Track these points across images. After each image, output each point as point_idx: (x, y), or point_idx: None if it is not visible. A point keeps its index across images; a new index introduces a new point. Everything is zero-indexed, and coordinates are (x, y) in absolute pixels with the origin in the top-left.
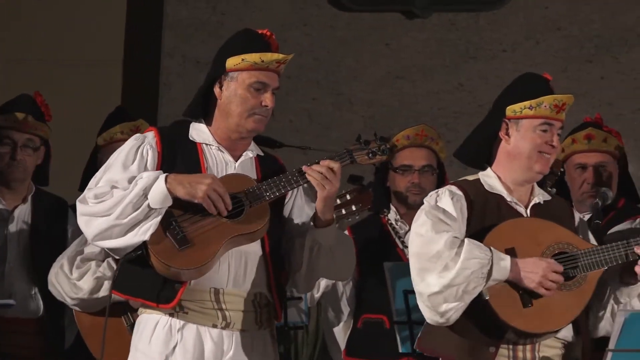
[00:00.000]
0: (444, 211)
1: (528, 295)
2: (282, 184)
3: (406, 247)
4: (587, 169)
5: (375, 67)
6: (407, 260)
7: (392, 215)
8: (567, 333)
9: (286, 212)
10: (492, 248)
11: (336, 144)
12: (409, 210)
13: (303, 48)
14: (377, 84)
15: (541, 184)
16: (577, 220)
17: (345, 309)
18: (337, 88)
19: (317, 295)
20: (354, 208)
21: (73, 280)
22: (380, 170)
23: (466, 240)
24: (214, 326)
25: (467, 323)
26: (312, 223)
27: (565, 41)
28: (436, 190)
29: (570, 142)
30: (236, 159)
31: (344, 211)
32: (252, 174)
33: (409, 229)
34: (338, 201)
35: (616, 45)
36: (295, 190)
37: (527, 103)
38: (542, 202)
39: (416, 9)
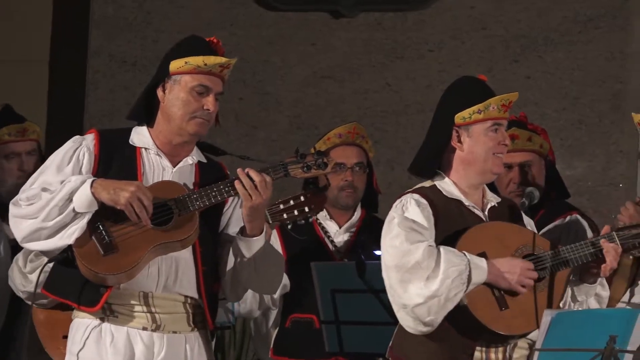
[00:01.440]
0: (414, 221)
1: (503, 298)
2: (214, 193)
3: (335, 245)
4: (513, 168)
5: (302, 67)
6: (336, 259)
7: (322, 214)
8: (533, 333)
9: (224, 220)
10: (466, 253)
11: (262, 144)
12: (340, 209)
13: (229, 48)
14: (304, 84)
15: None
16: (527, 223)
17: (273, 308)
18: (264, 88)
19: (275, 295)
20: (306, 210)
21: (24, 272)
22: None
23: (441, 248)
24: (144, 329)
25: (444, 329)
26: (239, 233)
27: (491, 41)
28: (400, 199)
29: None
30: (175, 164)
31: (296, 212)
32: (190, 180)
33: (339, 228)
34: (292, 202)
35: (542, 45)
36: (237, 198)
37: (475, 108)
38: (496, 205)
39: (342, 9)
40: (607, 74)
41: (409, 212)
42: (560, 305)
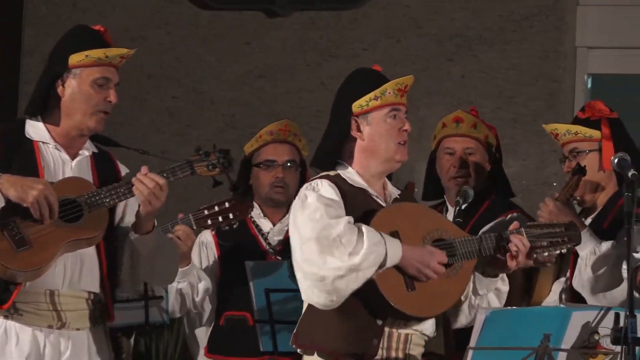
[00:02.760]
0: (330, 199)
1: (411, 280)
2: (123, 190)
3: (269, 244)
4: (455, 154)
5: (236, 66)
6: (271, 258)
7: (256, 212)
8: (431, 330)
9: (119, 212)
10: (382, 233)
11: (196, 143)
12: (272, 207)
13: (164, 46)
14: (238, 83)
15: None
16: None
17: (207, 307)
18: (198, 87)
19: (197, 299)
20: (231, 216)
21: None
22: (243, 168)
23: (363, 225)
24: (50, 327)
25: (349, 309)
26: (132, 230)
27: (425, 40)
28: (309, 183)
29: (441, 127)
30: (72, 157)
31: (220, 219)
32: (88, 172)
33: (273, 227)
34: (216, 209)
35: (476, 44)
36: None
37: (372, 94)
38: (397, 197)
39: (277, 8)
40: (542, 73)
41: (322, 191)
42: (462, 298)
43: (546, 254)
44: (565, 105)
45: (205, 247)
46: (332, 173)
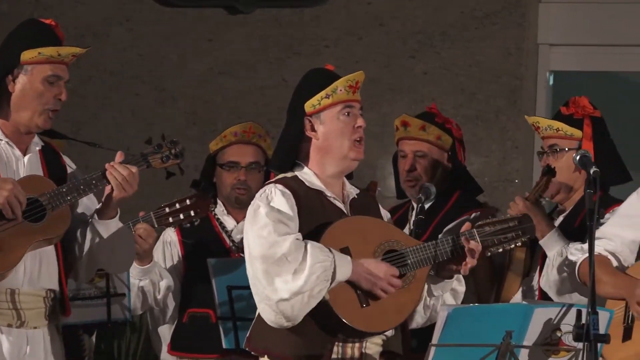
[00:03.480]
0: (281, 212)
1: (365, 295)
2: (82, 187)
3: (233, 241)
4: (407, 156)
5: (199, 63)
6: (234, 255)
7: (219, 210)
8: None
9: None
10: (332, 249)
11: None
12: (235, 207)
13: (126, 44)
14: (201, 80)
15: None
16: (385, 217)
17: (170, 304)
18: (160, 84)
19: (159, 296)
20: (192, 214)
21: None
22: (208, 165)
23: (308, 243)
24: (9, 326)
25: (304, 322)
26: (95, 216)
27: (387, 37)
28: (263, 189)
29: (396, 129)
30: (23, 152)
31: (182, 216)
32: (39, 168)
33: (237, 224)
34: (177, 206)
35: (439, 41)
36: None
37: (323, 93)
38: (356, 197)
39: (239, 5)
40: (504, 70)
41: (274, 201)
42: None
43: (500, 250)
44: (527, 102)
45: (169, 245)
46: (289, 175)
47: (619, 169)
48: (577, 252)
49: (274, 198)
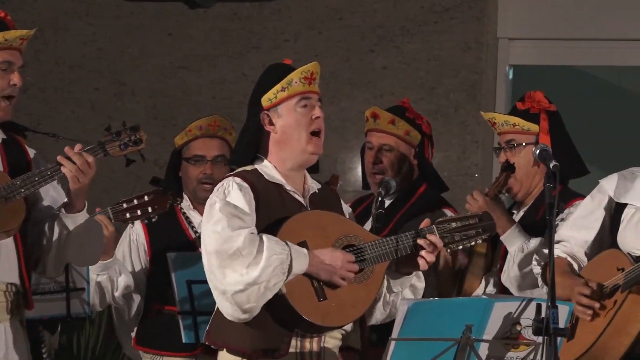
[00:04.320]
0: (236, 207)
1: (322, 289)
2: (37, 179)
3: (199, 236)
4: (373, 148)
5: (159, 57)
6: (198, 250)
7: (185, 204)
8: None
9: (32, 196)
10: (288, 242)
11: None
12: (201, 202)
13: (86, 37)
14: (160, 74)
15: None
16: (346, 212)
17: (135, 298)
18: (120, 78)
19: (117, 293)
20: (150, 210)
21: None
22: (172, 159)
23: (264, 236)
24: None
25: (261, 317)
26: (63, 209)
27: (347, 31)
28: (221, 183)
29: (366, 120)
30: None
31: (139, 212)
32: None
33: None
34: (135, 202)
35: (398, 35)
36: None
37: (278, 86)
38: (317, 191)
39: None
40: (463, 64)
41: (231, 196)
42: (377, 296)
43: (461, 247)
44: (487, 96)
45: (135, 240)
46: (248, 168)
47: (576, 162)
48: (540, 260)
49: (231, 192)
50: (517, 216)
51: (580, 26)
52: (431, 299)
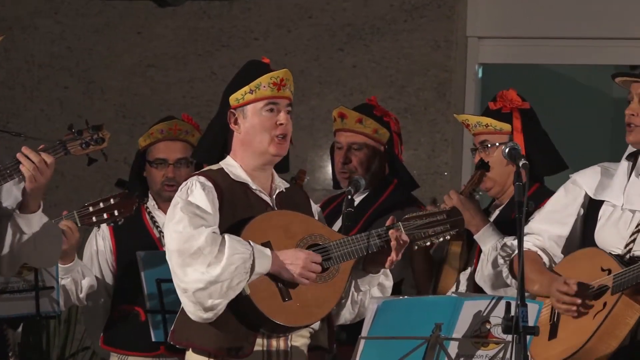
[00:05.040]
0: (198, 206)
1: (286, 289)
2: (6, 172)
3: (163, 235)
4: (342, 148)
5: (128, 56)
6: (163, 249)
7: (151, 203)
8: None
9: None
10: (251, 242)
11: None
12: (165, 202)
13: (55, 36)
14: (129, 73)
15: None
16: (315, 211)
17: (100, 299)
18: (89, 76)
19: (81, 295)
20: (116, 213)
21: None
22: (137, 160)
23: (226, 235)
24: None
25: (226, 317)
26: (17, 210)
27: (317, 29)
28: (186, 182)
29: (334, 120)
30: None
31: (105, 215)
32: None
33: None
34: (101, 205)
35: (368, 33)
36: None
37: (246, 88)
38: (284, 190)
39: None
40: (433, 62)
41: (193, 195)
42: (343, 295)
43: (429, 243)
44: (457, 94)
45: (102, 239)
46: (214, 167)
47: (553, 159)
48: (509, 250)
49: (194, 191)
50: (493, 216)
51: (550, 25)
52: (401, 297)
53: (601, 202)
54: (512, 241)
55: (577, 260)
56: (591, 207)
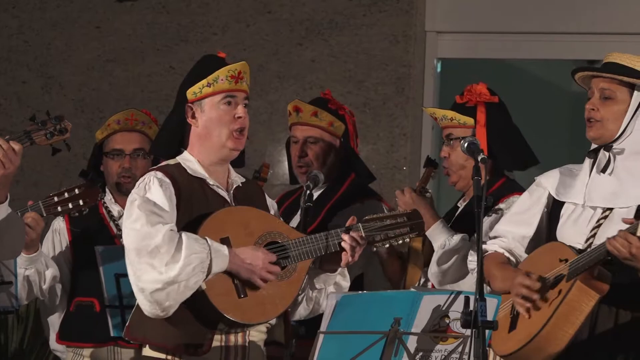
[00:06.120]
0: (155, 204)
1: (243, 286)
2: None
3: (120, 230)
4: (298, 142)
5: (86, 50)
6: (120, 243)
7: (107, 197)
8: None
9: None
10: (208, 240)
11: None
12: (122, 195)
13: (12, 30)
14: (88, 67)
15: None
16: (271, 206)
17: (59, 292)
18: (47, 71)
19: (44, 286)
20: (81, 203)
21: None
22: (94, 154)
23: (183, 234)
24: None
25: (182, 313)
26: None
27: (275, 24)
28: (143, 178)
29: (289, 114)
30: None
31: (70, 205)
32: None
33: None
34: (66, 195)
35: (326, 28)
36: None
37: (204, 82)
38: (240, 185)
39: None
40: (392, 57)
41: (151, 192)
42: (299, 292)
43: (387, 245)
44: (415, 89)
45: (57, 234)
46: (172, 162)
47: (521, 153)
48: (473, 257)
49: (151, 188)
50: (460, 208)
51: (508, 20)
52: (360, 292)
53: (564, 202)
54: (459, 240)
55: (539, 256)
56: (555, 207)
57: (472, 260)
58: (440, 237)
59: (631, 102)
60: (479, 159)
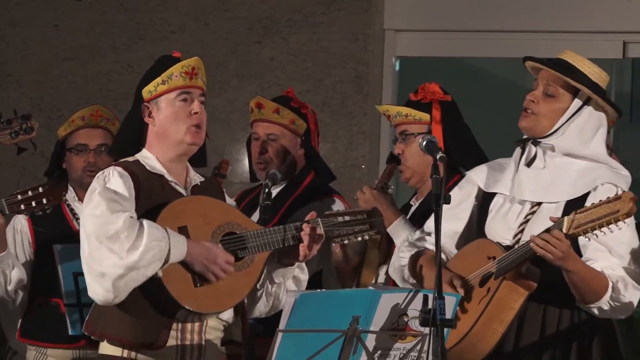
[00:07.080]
0: (116, 192)
1: (199, 275)
2: None
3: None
4: (259, 139)
5: (44, 48)
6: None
7: (70, 195)
8: (228, 315)
9: None
10: (167, 229)
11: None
12: (85, 191)
13: None
14: (46, 65)
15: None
16: (228, 201)
17: (20, 290)
18: (5, 69)
19: (9, 287)
20: (45, 202)
21: None
22: (56, 151)
23: (144, 221)
24: None
25: (138, 305)
26: None
27: (234, 22)
28: (102, 171)
29: (251, 111)
30: None
31: (34, 203)
32: None
33: None
34: (30, 193)
35: (285, 26)
36: None
37: (159, 79)
38: (199, 184)
39: None
40: (350, 55)
41: (111, 182)
42: (258, 287)
43: (346, 241)
44: (374, 87)
45: (19, 232)
46: (130, 159)
47: (473, 151)
48: (405, 252)
49: (111, 179)
50: (415, 206)
51: (466, 18)
52: (318, 290)
53: (493, 195)
54: (405, 247)
55: (468, 253)
56: (485, 201)
57: (402, 257)
58: (402, 233)
59: (571, 105)
60: (438, 157)
